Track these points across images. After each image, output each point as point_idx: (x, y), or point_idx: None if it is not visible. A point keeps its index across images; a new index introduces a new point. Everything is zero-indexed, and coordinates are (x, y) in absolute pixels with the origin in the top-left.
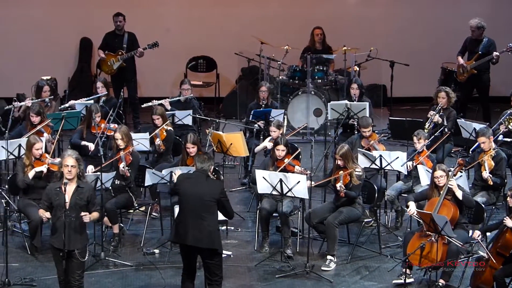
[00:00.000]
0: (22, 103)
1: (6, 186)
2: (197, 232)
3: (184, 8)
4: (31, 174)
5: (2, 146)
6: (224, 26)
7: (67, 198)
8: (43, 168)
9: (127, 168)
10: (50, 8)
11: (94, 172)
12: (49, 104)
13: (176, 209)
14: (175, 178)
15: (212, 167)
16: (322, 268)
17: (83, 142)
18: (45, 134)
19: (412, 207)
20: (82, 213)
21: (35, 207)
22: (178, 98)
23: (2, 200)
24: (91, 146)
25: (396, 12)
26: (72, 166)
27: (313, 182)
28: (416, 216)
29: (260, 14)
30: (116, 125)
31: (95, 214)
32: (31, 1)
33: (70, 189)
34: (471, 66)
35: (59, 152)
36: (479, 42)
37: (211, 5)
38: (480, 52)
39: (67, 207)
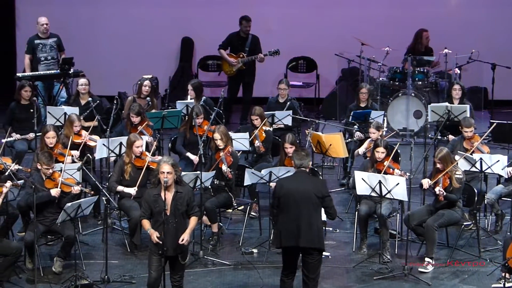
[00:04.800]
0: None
1: (107, 184)
2: (308, 232)
3: (285, 9)
4: (119, 189)
5: (104, 144)
6: (324, 27)
7: (167, 204)
8: (132, 192)
9: (229, 170)
10: (152, 7)
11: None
12: (150, 103)
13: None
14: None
15: (310, 163)
16: (420, 270)
17: (188, 154)
18: (146, 136)
19: None
20: (180, 241)
21: (135, 205)
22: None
23: (103, 198)
24: (195, 160)
25: (499, 14)
26: (168, 172)
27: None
28: None
29: (361, 15)
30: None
31: (193, 223)
32: (135, 1)
33: (169, 195)
34: None
35: (160, 150)
36: None
37: (312, 5)
38: None
39: (167, 214)
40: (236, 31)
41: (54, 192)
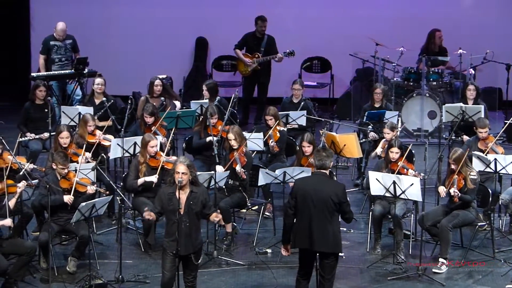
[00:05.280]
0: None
1: (121, 184)
2: (322, 236)
3: (300, 9)
4: (140, 181)
5: (118, 144)
6: (339, 27)
7: (181, 204)
8: (154, 179)
9: (243, 170)
10: (167, 7)
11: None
12: (164, 102)
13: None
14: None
15: (332, 163)
16: (434, 271)
17: (208, 138)
18: (160, 137)
19: None
20: (215, 217)
21: (149, 205)
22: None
23: (117, 198)
24: (210, 140)
25: None
26: (183, 173)
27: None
28: None
29: (376, 15)
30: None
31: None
32: (149, 1)
33: (183, 194)
34: None
35: (174, 150)
36: None
37: (327, 6)
38: None
39: (181, 213)
40: (252, 31)
41: (67, 198)
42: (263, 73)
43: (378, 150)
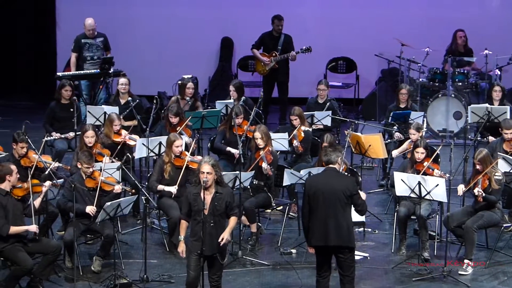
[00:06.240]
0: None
1: (146, 184)
2: (337, 231)
3: (325, 9)
4: (160, 187)
5: (143, 144)
6: (364, 27)
7: (206, 204)
8: (173, 190)
9: (270, 167)
10: (193, 7)
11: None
12: (189, 102)
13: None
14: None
15: (339, 158)
16: (459, 272)
17: (228, 148)
18: (184, 137)
19: None
20: (220, 240)
21: (174, 205)
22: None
23: (142, 197)
24: (236, 154)
25: None
26: (208, 173)
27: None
28: None
29: (402, 16)
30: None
31: (233, 223)
32: (175, 1)
33: (208, 195)
34: None
35: (199, 150)
36: None
37: (352, 6)
38: None
39: (205, 213)
40: (269, 31)
41: (89, 209)
42: (281, 72)
43: (394, 152)
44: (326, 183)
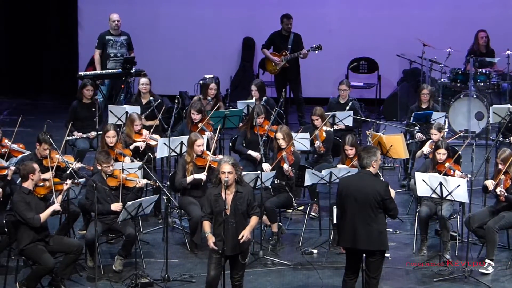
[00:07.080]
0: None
1: (168, 183)
2: (366, 235)
3: (347, 9)
4: (189, 179)
5: (164, 143)
6: (386, 27)
7: (227, 204)
8: (203, 176)
9: (291, 168)
10: (214, 7)
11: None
12: (211, 102)
13: (334, 210)
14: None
15: (373, 161)
16: (480, 271)
17: (249, 152)
18: (207, 132)
19: None
20: (240, 237)
21: (195, 204)
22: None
23: (163, 197)
24: (258, 157)
25: None
26: (229, 172)
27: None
28: None
29: (423, 16)
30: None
31: (253, 222)
32: (196, 1)
33: (229, 194)
34: None
35: (220, 149)
36: None
37: (374, 6)
38: None
39: (227, 213)
40: (278, 30)
41: (114, 207)
42: (291, 71)
43: (425, 149)
44: (357, 186)
